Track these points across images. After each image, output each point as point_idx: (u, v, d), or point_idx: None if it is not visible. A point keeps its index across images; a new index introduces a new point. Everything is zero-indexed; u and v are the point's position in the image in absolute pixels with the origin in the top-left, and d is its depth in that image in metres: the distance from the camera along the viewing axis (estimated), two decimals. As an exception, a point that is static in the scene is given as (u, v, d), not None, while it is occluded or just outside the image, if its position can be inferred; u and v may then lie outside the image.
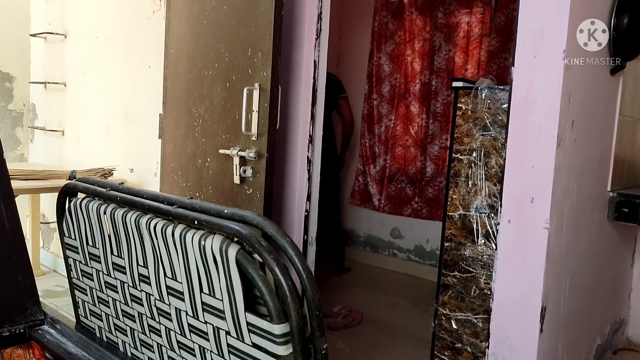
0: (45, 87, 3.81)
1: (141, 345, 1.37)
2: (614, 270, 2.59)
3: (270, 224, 1.02)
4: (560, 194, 1.77)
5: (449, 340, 2.15)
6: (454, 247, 2.13)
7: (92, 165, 3.23)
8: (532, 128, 1.73)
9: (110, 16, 3.30)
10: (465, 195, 2.11)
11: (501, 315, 1.83)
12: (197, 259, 1.09)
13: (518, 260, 1.78)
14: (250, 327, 1.03)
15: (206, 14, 2.23)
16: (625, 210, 2.24)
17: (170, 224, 1.17)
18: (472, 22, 3.77)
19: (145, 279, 1.27)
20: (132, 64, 3.13)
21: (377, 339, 2.92)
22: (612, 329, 2.60)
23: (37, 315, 1.51)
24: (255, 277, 0.98)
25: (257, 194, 2.00)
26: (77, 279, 1.56)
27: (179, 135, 2.42)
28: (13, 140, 3.95)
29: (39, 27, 3.83)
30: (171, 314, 1.21)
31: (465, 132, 2.11)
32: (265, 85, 1.95)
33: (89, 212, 1.40)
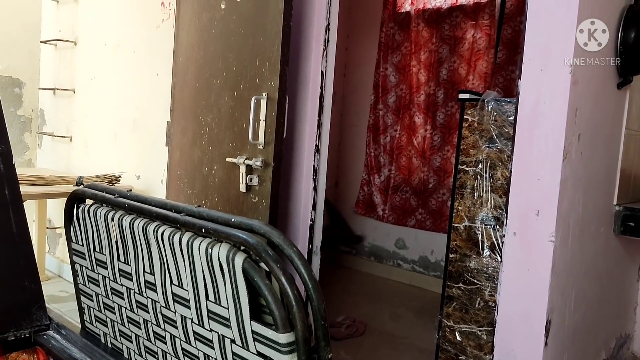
0: (54, 94, 3.85)
1: (146, 352, 1.37)
2: (619, 284, 2.58)
3: (277, 234, 1.03)
4: (566, 207, 1.77)
5: (452, 352, 2.14)
6: (459, 258, 2.13)
7: (100, 172, 3.25)
8: (539, 141, 1.73)
9: (120, 24, 3.33)
10: (470, 206, 2.11)
11: (506, 328, 1.82)
12: (204, 266, 1.10)
13: (523, 273, 1.77)
14: (255, 336, 1.03)
15: (215, 24, 2.25)
16: (631, 224, 2.23)
17: (178, 231, 1.17)
18: (478, 34, 3.78)
19: (151, 286, 1.27)
20: (141, 71, 3.15)
21: (380, 350, 2.90)
22: (617, 343, 2.58)
23: (43, 320, 1.50)
24: (262, 285, 0.99)
25: (262, 202, 2.01)
26: (84, 284, 1.57)
27: (186, 142, 2.43)
28: (21, 146, 3.98)
29: (50, 34, 3.87)
30: (176, 321, 1.22)
31: (471, 143, 2.12)
32: (273, 95, 1.96)
33: (96, 219, 1.42)
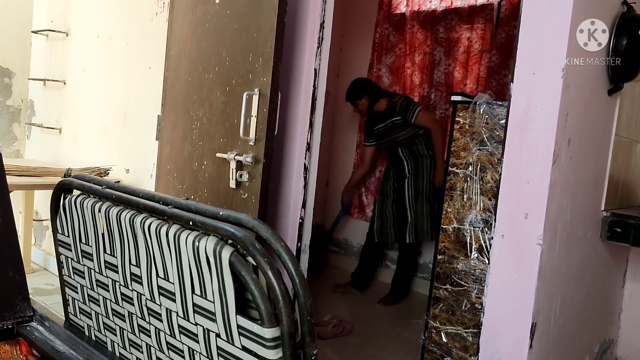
0: (44, 84, 3.81)
1: (130, 345, 1.36)
2: (604, 289, 2.60)
3: (265, 228, 1.02)
4: (554, 211, 1.78)
5: (438, 353, 2.15)
6: (447, 260, 2.13)
7: (88, 164, 3.22)
8: (529, 144, 1.74)
9: (112, 16, 3.31)
10: (460, 208, 2.12)
11: (491, 329, 1.82)
12: (191, 259, 1.09)
13: (510, 276, 1.78)
14: (240, 330, 1.02)
15: (209, 18, 2.24)
16: (618, 230, 2.24)
17: (165, 224, 1.16)
18: (472, 37, 3.79)
19: (137, 279, 1.26)
20: (133, 64, 3.13)
21: (367, 350, 2.91)
22: (601, 348, 2.60)
23: (26, 311, 1.49)
24: (248, 279, 0.98)
25: (252, 198, 2.00)
26: (68, 276, 1.55)
27: (177, 137, 2.42)
28: (10, 136, 3.94)
29: (41, 24, 3.83)
30: (162, 315, 1.21)
31: (462, 146, 2.12)
32: (265, 91, 1.95)
33: (83, 210, 1.40)
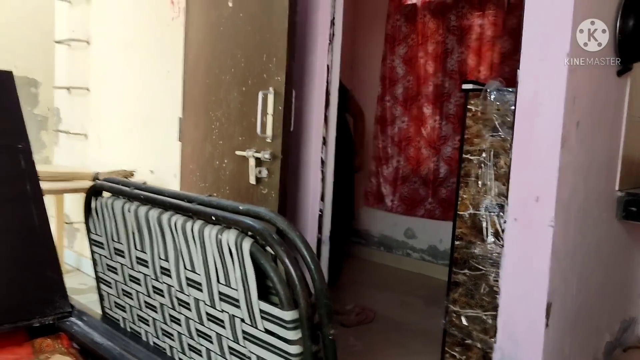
0: (69, 92, 3.95)
1: (163, 334, 1.46)
2: (623, 269, 2.61)
3: (282, 220, 1.10)
4: (566, 194, 1.81)
5: (459, 336, 2.20)
6: (464, 245, 2.18)
7: (114, 167, 3.34)
8: (537, 129, 1.77)
9: (130, 23, 3.41)
10: (475, 194, 2.16)
11: (508, 310, 1.87)
12: (214, 251, 1.18)
13: (524, 257, 1.82)
14: (263, 315, 1.10)
15: (223, 21, 2.31)
16: (633, 209, 2.26)
17: (190, 220, 1.25)
18: (484, 24, 3.81)
19: (166, 272, 1.36)
20: (152, 69, 3.23)
21: (389, 336, 2.97)
22: (622, 327, 2.62)
23: (65, 307, 1.58)
24: (268, 268, 1.06)
25: (272, 193, 2.08)
26: (103, 273, 1.65)
27: (198, 137, 2.51)
28: (39, 144, 4.09)
29: (63, 34, 3.96)
30: (190, 304, 1.30)
31: (475, 133, 2.16)
32: (280, 90, 2.02)
33: (114, 210, 1.50)
